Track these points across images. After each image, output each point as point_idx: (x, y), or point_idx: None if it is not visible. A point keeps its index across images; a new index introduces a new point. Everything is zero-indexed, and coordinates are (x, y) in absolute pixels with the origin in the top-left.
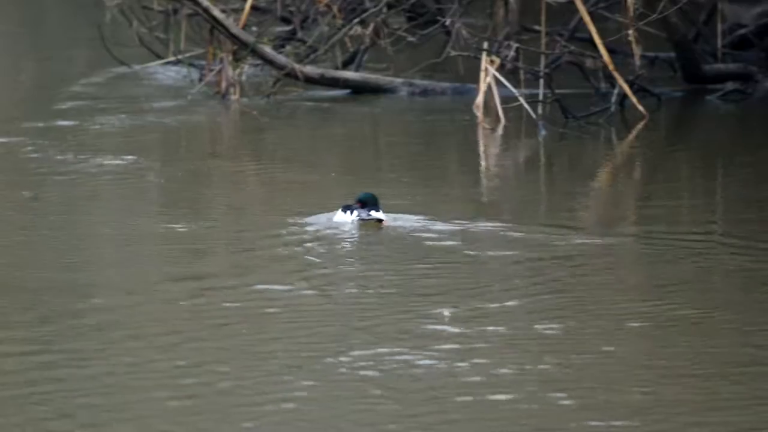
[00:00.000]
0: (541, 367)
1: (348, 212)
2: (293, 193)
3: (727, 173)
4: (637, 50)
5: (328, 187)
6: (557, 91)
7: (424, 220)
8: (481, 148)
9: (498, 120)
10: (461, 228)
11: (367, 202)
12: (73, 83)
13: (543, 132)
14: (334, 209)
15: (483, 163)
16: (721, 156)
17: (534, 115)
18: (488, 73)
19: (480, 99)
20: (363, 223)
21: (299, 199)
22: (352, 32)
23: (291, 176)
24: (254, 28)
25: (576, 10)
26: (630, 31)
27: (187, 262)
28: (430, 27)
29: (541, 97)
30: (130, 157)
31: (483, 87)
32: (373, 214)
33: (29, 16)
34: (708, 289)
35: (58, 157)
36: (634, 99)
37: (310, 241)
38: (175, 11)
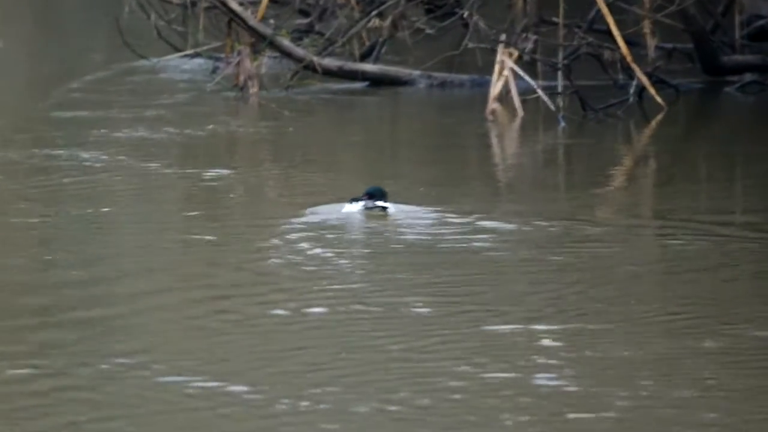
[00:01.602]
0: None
1: (354, 203)
2: (310, 188)
3: (746, 164)
4: (651, 42)
5: (345, 181)
6: (575, 82)
7: (442, 215)
8: (501, 141)
9: (516, 112)
10: (484, 224)
11: (375, 195)
12: (90, 77)
13: (563, 124)
14: (346, 201)
15: (502, 156)
16: (740, 147)
17: (553, 107)
18: (504, 65)
19: (492, 91)
20: (368, 211)
21: (316, 193)
22: (370, 25)
23: (309, 170)
24: (272, 21)
25: (594, 2)
26: (645, 22)
27: (200, 265)
28: (448, 19)
29: (559, 89)
30: (147, 156)
31: (495, 79)
32: (379, 204)
33: (47, 9)
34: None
35: (77, 159)
36: (652, 90)
37: (324, 240)
38: (194, 4)
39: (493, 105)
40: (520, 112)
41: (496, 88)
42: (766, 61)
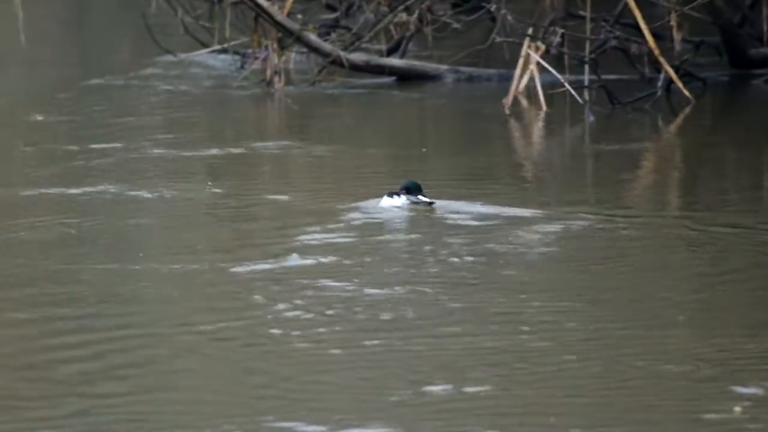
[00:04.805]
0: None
1: (395, 197)
2: (342, 182)
3: None
4: (677, 35)
5: (376, 176)
6: (602, 76)
7: (486, 211)
8: (528, 136)
9: (539, 107)
10: (521, 219)
11: (412, 189)
12: (113, 76)
13: (591, 118)
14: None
15: (530, 150)
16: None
17: (581, 101)
18: (529, 59)
19: (514, 85)
20: (414, 206)
21: (348, 188)
22: (397, 19)
23: (339, 164)
24: (299, 16)
25: None
26: (672, 15)
27: (238, 288)
28: (475, 13)
29: (586, 83)
30: (176, 151)
31: (518, 73)
32: (422, 198)
33: (72, 7)
34: None
35: (108, 156)
36: (679, 84)
37: (375, 242)
38: (220, 0)
39: (511, 98)
40: (544, 107)
41: (519, 82)
42: None
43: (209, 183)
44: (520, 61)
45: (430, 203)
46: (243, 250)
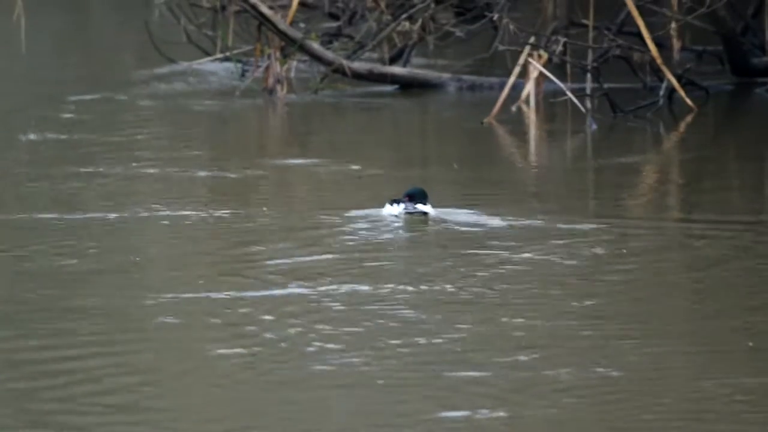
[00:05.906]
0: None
1: (395, 205)
2: (345, 190)
3: None
4: (677, 44)
5: (378, 183)
6: (605, 85)
7: (478, 217)
8: (529, 144)
9: (542, 114)
10: (523, 229)
11: (416, 196)
12: (118, 84)
13: (594, 126)
14: (383, 203)
15: (531, 158)
16: None
17: (583, 110)
18: (528, 67)
19: (503, 95)
20: (409, 215)
21: (351, 195)
22: (399, 28)
23: (342, 173)
24: (302, 25)
25: (624, 4)
26: (672, 24)
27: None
28: (478, 22)
29: (588, 91)
30: (176, 158)
31: (511, 82)
32: (419, 207)
33: (76, 13)
34: None
35: (107, 178)
36: (682, 92)
37: (372, 244)
38: (223, 8)
39: (498, 107)
40: (533, 117)
41: (509, 91)
42: None
43: (264, 208)
44: (516, 70)
45: (425, 213)
46: (256, 274)
